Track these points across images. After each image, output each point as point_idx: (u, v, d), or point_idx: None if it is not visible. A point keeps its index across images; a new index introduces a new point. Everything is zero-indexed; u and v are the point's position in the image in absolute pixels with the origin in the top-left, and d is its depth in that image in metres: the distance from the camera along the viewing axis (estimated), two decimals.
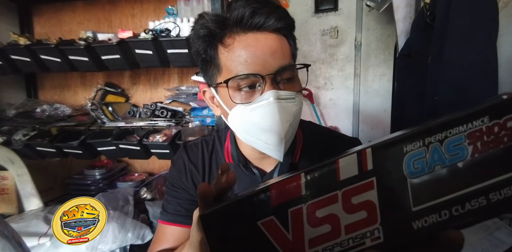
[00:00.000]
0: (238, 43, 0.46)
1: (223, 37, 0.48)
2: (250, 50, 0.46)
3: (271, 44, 0.46)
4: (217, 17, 0.48)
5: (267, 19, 0.46)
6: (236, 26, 0.47)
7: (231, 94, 0.48)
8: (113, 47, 1.11)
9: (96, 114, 1.29)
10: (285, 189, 0.25)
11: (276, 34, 0.48)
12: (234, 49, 0.46)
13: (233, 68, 0.47)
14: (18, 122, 1.32)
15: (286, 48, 0.49)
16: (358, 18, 2.08)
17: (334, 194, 0.24)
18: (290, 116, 0.47)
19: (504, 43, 1.06)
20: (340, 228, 0.24)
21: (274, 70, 0.46)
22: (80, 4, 1.48)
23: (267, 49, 0.46)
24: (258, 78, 0.46)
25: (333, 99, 2.23)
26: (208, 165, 0.63)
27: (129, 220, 1.00)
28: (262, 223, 0.25)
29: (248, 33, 0.47)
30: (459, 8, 0.91)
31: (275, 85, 0.47)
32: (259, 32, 0.47)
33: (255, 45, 0.46)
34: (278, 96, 0.46)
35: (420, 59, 1.13)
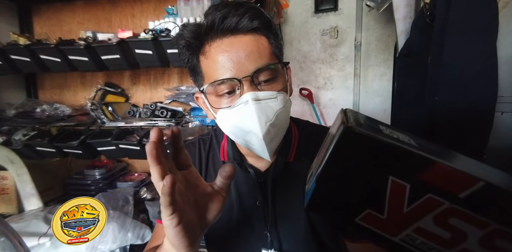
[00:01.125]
0: (214, 50, 0.47)
1: (201, 46, 0.49)
2: (224, 55, 0.46)
3: (245, 46, 0.46)
4: (194, 27, 0.49)
5: (239, 22, 0.46)
6: (210, 34, 0.47)
7: (214, 99, 0.50)
8: (113, 47, 1.11)
9: (96, 114, 1.29)
10: (449, 177, 0.21)
11: (252, 35, 0.47)
12: (211, 56, 0.47)
13: (212, 75, 0.48)
14: (18, 122, 1.32)
15: (264, 47, 0.48)
16: (358, 18, 2.08)
17: (487, 222, 0.21)
18: (270, 115, 0.47)
19: (504, 43, 1.06)
20: (458, 246, 0.23)
21: (250, 72, 0.46)
22: (80, 4, 1.48)
23: (242, 52, 0.46)
24: (235, 82, 0.46)
25: (333, 99, 2.23)
26: (205, 163, 0.64)
27: (129, 220, 1.00)
28: (393, 180, 0.23)
29: (223, 39, 0.47)
30: (459, 8, 0.91)
31: (254, 86, 0.47)
32: (233, 36, 0.47)
33: (229, 49, 0.46)
34: (256, 97, 0.46)
35: (420, 59, 1.13)
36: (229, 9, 0.46)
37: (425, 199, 0.22)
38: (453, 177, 0.21)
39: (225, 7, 0.47)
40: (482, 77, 0.89)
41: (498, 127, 1.09)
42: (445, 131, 0.95)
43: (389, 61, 2.04)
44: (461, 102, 0.91)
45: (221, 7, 0.47)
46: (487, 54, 0.88)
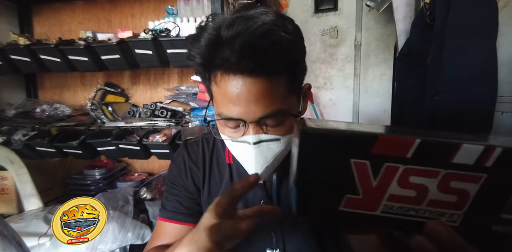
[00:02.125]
0: (224, 83, 0.43)
1: (213, 71, 0.44)
2: (234, 94, 0.42)
3: (256, 90, 0.42)
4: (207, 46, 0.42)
5: (258, 65, 0.40)
6: (222, 67, 0.42)
7: (220, 126, 0.49)
8: (113, 47, 1.11)
9: (96, 114, 1.29)
10: (393, 145, 0.25)
11: (268, 77, 0.42)
12: (221, 88, 0.43)
13: (220, 105, 0.46)
14: (18, 122, 1.32)
15: (277, 90, 0.43)
16: (358, 18, 2.08)
17: (438, 171, 0.25)
18: (268, 158, 0.47)
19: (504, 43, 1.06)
20: (425, 199, 0.26)
21: (257, 118, 0.44)
22: (80, 4, 1.48)
23: (252, 96, 0.42)
24: (241, 122, 0.45)
25: (333, 99, 2.23)
26: (208, 163, 0.63)
27: (129, 220, 1.00)
28: (355, 162, 0.26)
29: (237, 75, 0.42)
30: (459, 8, 0.91)
31: (259, 128, 0.45)
32: (248, 76, 0.41)
33: (239, 90, 0.42)
34: (258, 140, 0.45)
35: (420, 59, 1.13)
36: (249, 48, 0.39)
37: (385, 169, 0.26)
38: (396, 143, 0.25)
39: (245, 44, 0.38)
40: (482, 77, 0.89)
41: (498, 127, 1.09)
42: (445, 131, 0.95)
43: (389, 61, 2.04)
44: (461, 102, 0.91)
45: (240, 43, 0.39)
46: (487, 54, 0.88)
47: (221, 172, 0.61)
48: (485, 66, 0.88)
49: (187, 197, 0.62)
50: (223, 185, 0.60)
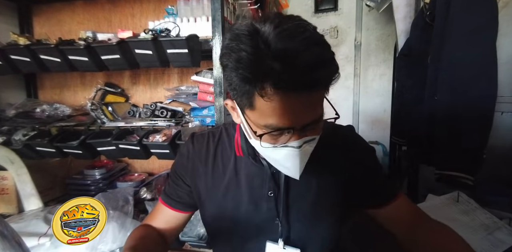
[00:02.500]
0: (276, 96, 0.42)
1: (259, 84, 0.42)
2: (287, 106, 0.43)
3: (307, 101, 0.44)
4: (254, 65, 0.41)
5: (318, 83, 0.42)
6: (272, 82, 0.41)
7: (258, 128, 0.49)
8: (113, 47, 1.10)
9: (96, 114, 1.29)
10: None
11: (314, 90, 0.44)
12: (271, 100, 0.42)
13: (267, 117, 0.45)
14: (18, 122, 1.32)
15: (320, 99, 0.48)
16: (358, 18, 2.08)
17: None
18: (307, 156, 0.52)
19: (504, 43, 1.06)
20: None
21: (305, 124, 0.47)
22: (80, 4, 1.48)
23: (303, 106, 0.44)
24: (289, 129, 0.47)
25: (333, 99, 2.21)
26: (212, 155, 0.65)
27: (129, 220, 1.00)
28: None
29: (293, 90, 0.42)
30: (459, 8, 0.90)
31: (303, 133, 0.48)
32: (305, 92, 0.43)
33: (294, 104, 0.43)
34: (303, 143, 0.49)
35: (420, 59, 1.13)
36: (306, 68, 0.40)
37: None
38: None
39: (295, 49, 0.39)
40: (482, 77, 0.89)
41: (498, 127, 1.09)
42: (445, 131, 0.95)
43: (389, 61, 2.03)
44: (461, 102, 0.91)
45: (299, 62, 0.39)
46: (487, 54, 0.88)
47: (225, 164, 0.64)
48: (485, 66, 0.88)
49: (182, 188, 0.68)
50: (227, 176, 0.63)
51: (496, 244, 0.86)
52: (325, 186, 0.62)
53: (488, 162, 0.91)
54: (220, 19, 1.02)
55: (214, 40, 1.04)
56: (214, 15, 1.03)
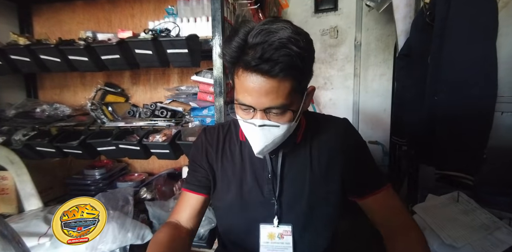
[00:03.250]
0: (244, 78, 0.55)
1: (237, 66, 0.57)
2: (249, 87, 0.55)
3: (267, 87, 0.54)
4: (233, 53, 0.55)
5: (271, 69, 0.52)
6: (245, 66, 0.54)
7: (236, 109, 0.62)
8: (112, 47, 1.10)
9: (96, 114, 1.29)
10: None
11: (278, 78, 0.53)
12: (241, 80, 0.56)
13: (238, 93, 0.59)
14: (18, 122, 1.32)
15: (283, 89, 0.55)
16: (358, 18, 2.08)
17: None
18: (268, 139, 0.60)
19: (503, 43, 1.06)
20: None
21: (264, 107, 0.56)
22: (80, 4, 1.48)
23: (263, 91, 0.54)
24: (251, 108, 0.58)
25: (333, 99, 2.23)
26: (222, 143, 0.75)
27: (129, 220, 1.00)
28: None
29: (253, 74, 0.54)
30: (459, 8, 0.91)
31: (265, 114, 0.58)
32: (261, 76, 0.53)
33: (254, 85, 0.54)
34: (262, 124, 0.58)
35: (420, 59, 1.13)
36: (267, 53, 0.51)
37: None
38: None
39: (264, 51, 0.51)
40: (482, 77, 0.89)
41: (498, 127, 1.09)
42: (445, 131, 0.95)
43: (389, 61, 2.04)
44: (461, 102, 0.91)
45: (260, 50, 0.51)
46: (486, 54, 0.88)
47: (232, 151, 0.74)
48: (485, 66, 0.88)
49: (200, 172, 0.75)
50: (234, 160, 0.73)
51: (496, 244, 0.86)
52: (319, 172, 0.69)
53: (488, 162, 0.91)
54: (220, 19, 1.02)
55: (214, 40, 1.04)
56: (214, 15, 1.03)
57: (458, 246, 0.86)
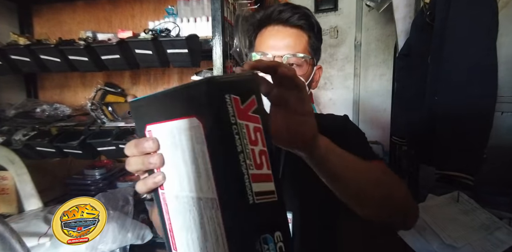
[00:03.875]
0: (267, 32, 0.63)
1: (260, 28, 0.65)
2: (271, 38, 0.62)
3: (287, 35, 0.61)
4: (261, 14, 0.64)
5: (290, 17, 0.60)
6: (268, 20, 0.62)
7: None
8: (113, 47, 1.10)
9: (96, 114, 1.29)
10: None
11: (297, 30, 0.61)
12: (263, 36, 0.63)
13: (258, 48, 0.64)
14: (18, 122, 1.31)
15: (300, 42, 0.62)
16: (358, 18, 2.08)
17: None
18: None
19: (503, 43, 1.06)
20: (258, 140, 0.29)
21: (282, 54, 0.60)
22: (80, 4, 1.48)
23: (282, 39, 0.61)
24: (270, 57, 0.61)
25: (333, 99, 2.23)
26: None
27: (129, 220, 1.00)
28: None
29: (275, 26, 0.62)
30: (459, 8, 0.91)
31: None
32: (283, 26, 0.61)
33: (275, 34, 0.61)
34: None
35: (420, 59, 1.13)
36: (288, 7, 0.61)
37: None
38: None
39: (286, 5, 0.62)
40: (482, 77, 0.89)
41: (498, 127, 1.09)
42: (445, 131, 0.95)
43: (389, 61, 2.04)
44: (461, 102, 0.91)
45: (283, 5, 0.62)
46: (487, 54, 0.88)
47: None
48: (485, 66, 0.88)
49: None
50: None
51: (496, 244, 0.86)
52: None
53: (488, 162, 0.91)
54: (220, 19, 1.02)
55: (214, 40, 1.04)
56: (214, 15, 1.03)
57: (458, 246, 0.86)
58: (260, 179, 0.26)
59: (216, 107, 0.24)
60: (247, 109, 0.26)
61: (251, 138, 0.26)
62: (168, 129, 0.30)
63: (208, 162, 0.26)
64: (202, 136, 0.26)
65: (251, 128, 0.27)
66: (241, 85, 0.27)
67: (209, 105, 0.25)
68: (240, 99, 0.26)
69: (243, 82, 0.27)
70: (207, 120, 0.25)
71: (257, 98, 0.28)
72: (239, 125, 0.25)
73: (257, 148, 0.27)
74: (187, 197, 0.31)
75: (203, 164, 0.27)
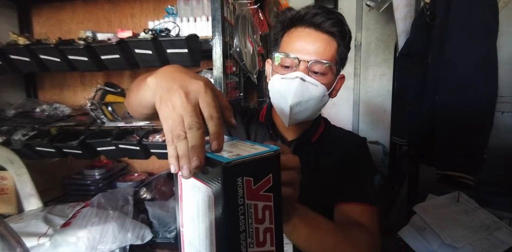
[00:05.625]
0: (296, 33, 0.61)
1: (290, 27, 0.63)
2: (300, 40, 0.60)
3: (317, 40, 0.59)
4: (293, 13, 0.62)
5: (323, 22, 0.58)
6: (299, 21, 0.60)
7: (275, 66, 0.63)
8: (112, 47, 1.10)
9: (95, 114, 1.29)
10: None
11: (328, 36, 0.59)
12: (292, 36, 0.61)
13: (284, 49, 0.62)
14: (18, 122, 1.31)
15: (330, 49, 0.60)
16: (358, 17, 2.08)
17: None
18: (305, 94, 0.59)
19: (504, 43, 1.06)
20: None
21: (309, 59, 0.58)
22: (80, 4, 1.48)
23: (312, 44, 0.59)
24: (296, 61, 0.59)
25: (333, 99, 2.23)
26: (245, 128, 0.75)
27: (128, 220, 1.00)
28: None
29: (307, 29, 0.60)
30: (459, 7, 0.90)
31: (307, 71, 0.59)
32: (314, 30, 0.59)
33: (306, 38, 0.59)
34: (303, 77, 0.58)
35: (420, 59, 1.13)
36: (322, 10, 0.59)
37: None
38: None
39: (321, 9, 0.60)
40: (482, 77, 0.89)
41: (498, 127, 1.09)
42: (445, 131, 0.95)
43: (389, 61, 2.03)
44: (461, 102, 0.90)
45: (317, 8, 0.60)
46: (487, 54, 0.88)
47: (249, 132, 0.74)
48: (485, 66, 0.88)
49: None
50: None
51: (497, 244, 0.86)
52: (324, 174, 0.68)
53: (488, 162, 0.91)
54: (220, 19, 1.02)
55: (214, 40, 1.03)
56: (214, 15, 1.03)
57: (458, 246, 0.86)
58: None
59: (225, 190, 0.26)
60: (260, 188, 0.27)
61: (257, 217, 0.27)
62: (193, 183, 0.32)
63: (213, 231, 0.28)
64: (212, 206, 0.28)
65: (260, 207, 0.28)
66: (259, 165, 0.27)
67: (219, 187, 0.26)
68: (253, 180, 0.27)
69: (262, 161, 0.27)
70: (217, 197, 0.27)
71: (274, 176, 0.28)
72: (247, 205, 0.27)
73: (262, 226, 0.28)
74: (195, 248, 0.32)
75: (210, 229, 0.29)
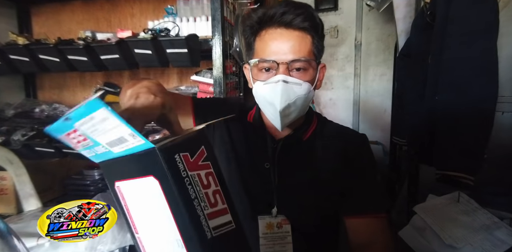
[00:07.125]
0: (268, 36, 0.59)
1: (260, 30, 0.61)
2: (274, 42, 0.58)
3: (291, 39, 0.57)
4: (260, 14, 0.60)
5: (293, 19, 0.57)
6: (269, 22, 0.59)
7: (256, 72, 0.62)
8: (112, 46, 1.10)
9: None
10: None
11: (300, 32, 0.58)
12: (264, 40, 0.60)
13: (260, 54, 0.60)
14: (17, 122, 1.31)
15: (305, 44, 0.58)
16: (358, 17, 2.08)
17: None
18: (291, 96, 0.58)
19: (504, 43, 1.06)
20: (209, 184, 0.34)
21: (288, 60, 0.57)
22: (79, 4, 1.48)
23: (286, 43, 0.57)
24: (274, 64, 0.58)
25: (333, 99, 2.23)
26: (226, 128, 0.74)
27: None
28: None
29: (278, 29, 0.58)
30: (459, 7, 0.90)
31: (287, 71, 0.58)
32: (286, 29, 0.58)
33: (279, 38, 0.58)
34: (285, 79, 0.57)
35: (420, 59, 1.13)
36: (289, 7, 0.57)
37: None
38: None
39: (287, 6, 0.58)
40: (482, 76, 0.89)
41: (498, 127, 1.09)
42: (445, 131, 0.95)
43: (389, 61, 2.03)
44: (462, 102, 0.90)
45: (284, 5, 0.58)
46: (487, 54, 0.88)
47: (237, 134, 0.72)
48: (485, 66, 0.88)
49: None
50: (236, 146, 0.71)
51: (497, 244, 0.86)
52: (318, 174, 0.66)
53: (489, 162, 0.91)
54: (219, 19, 1.02)
55: (214, 40, 1.03)
56: (213, 15, 1.03)
57: (459, 246, 0.86)
58: (216, 215, 0.31)
59: (167, 168, 0.29)
60: (198, 160, 0.31)
61: (203, 184, 0.31)
62: (133, 185, 0.35)
63: (169, 211, 0.30)
64: (160, 191, 0.30)
65: (203, 175, 0.32)
66: (189, 142, 0.32)
67: (161, 167, 0.29)
68: (189, 154, 0.31)
69: (191, 139, 0.32)
70: (162, 179, 0.30)
71: (206, 147, 0.32)
72: (191, 176, 0.30)
73: (210, 190, 0.32)
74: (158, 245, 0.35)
75: (167, 213, 0.31)
